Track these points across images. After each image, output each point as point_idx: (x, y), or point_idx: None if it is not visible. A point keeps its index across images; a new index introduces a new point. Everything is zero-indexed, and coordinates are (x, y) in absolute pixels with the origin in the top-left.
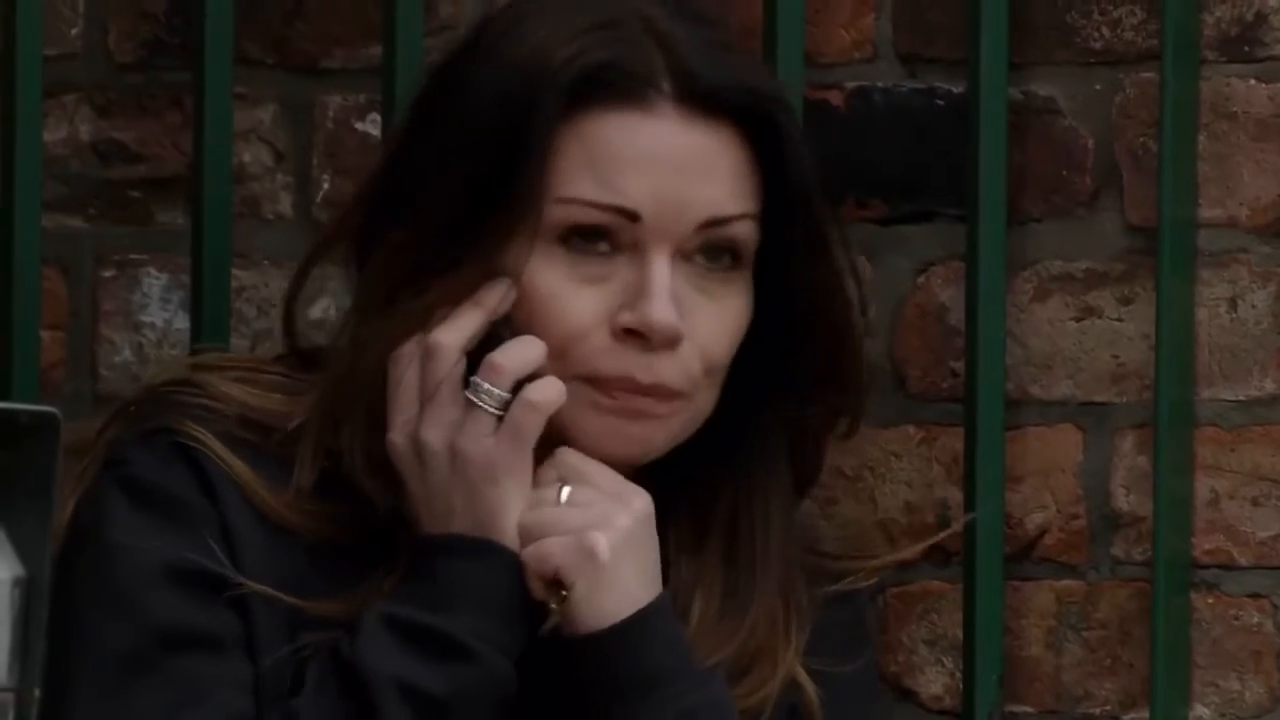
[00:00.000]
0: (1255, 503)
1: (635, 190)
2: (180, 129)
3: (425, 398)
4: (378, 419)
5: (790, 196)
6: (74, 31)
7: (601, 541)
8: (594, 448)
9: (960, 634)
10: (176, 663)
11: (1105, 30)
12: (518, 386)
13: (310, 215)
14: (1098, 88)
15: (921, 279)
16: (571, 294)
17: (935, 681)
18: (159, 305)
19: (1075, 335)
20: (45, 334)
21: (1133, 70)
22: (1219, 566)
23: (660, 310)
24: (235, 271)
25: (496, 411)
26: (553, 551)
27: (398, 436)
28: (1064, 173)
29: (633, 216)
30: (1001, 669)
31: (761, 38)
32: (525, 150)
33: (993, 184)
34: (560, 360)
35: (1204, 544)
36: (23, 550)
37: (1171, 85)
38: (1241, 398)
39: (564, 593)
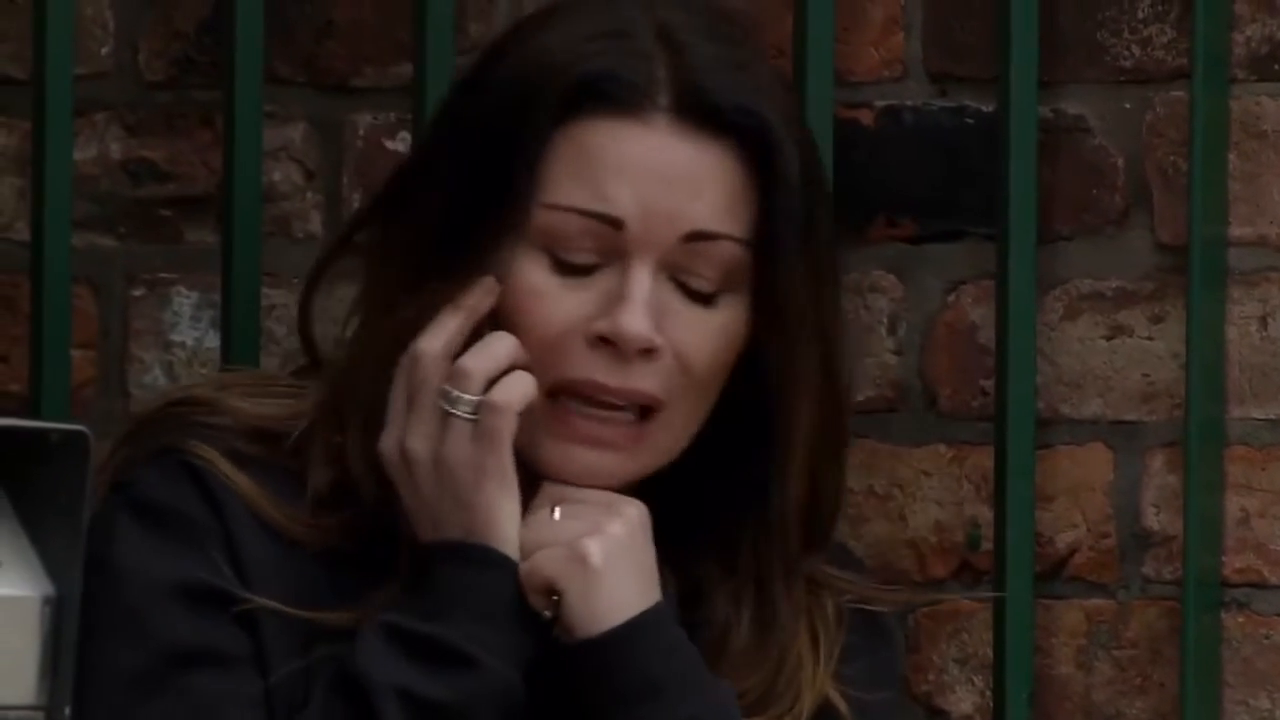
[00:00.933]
0: None
1: (621, 198)
2: (210, 147)
3: (410, 406)
4: (376, 425)
5: (779, 225)
6: (104, 50)
7: (592, 547)
8: (558, 475)
9: (990, 653)
10: (188, 681)
11: (1135, 49)
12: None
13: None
14: (1128, 106)
15: (952, 298)
16: (552, 298)
17: (965, 700)
18: (189, 324)
19: (1105, 354)
20: (76, 353)
21: (1163, 89)
22: (1249, 585)
23: (631, 319)
24: (265, 290)
25: (471, 416)
26: (544, 563)
27: (387, 445)
28: (1094, 191)
29: (616, 224)
30: (1032, 688)
31: (791, 56)
32: (519, 155)
33: (1023, 202)
34: (536, 366)
35: (1234, 563)
36: (53, 569)
37: (1201, 104)
38: (1272, 416)
39: (555, 598)
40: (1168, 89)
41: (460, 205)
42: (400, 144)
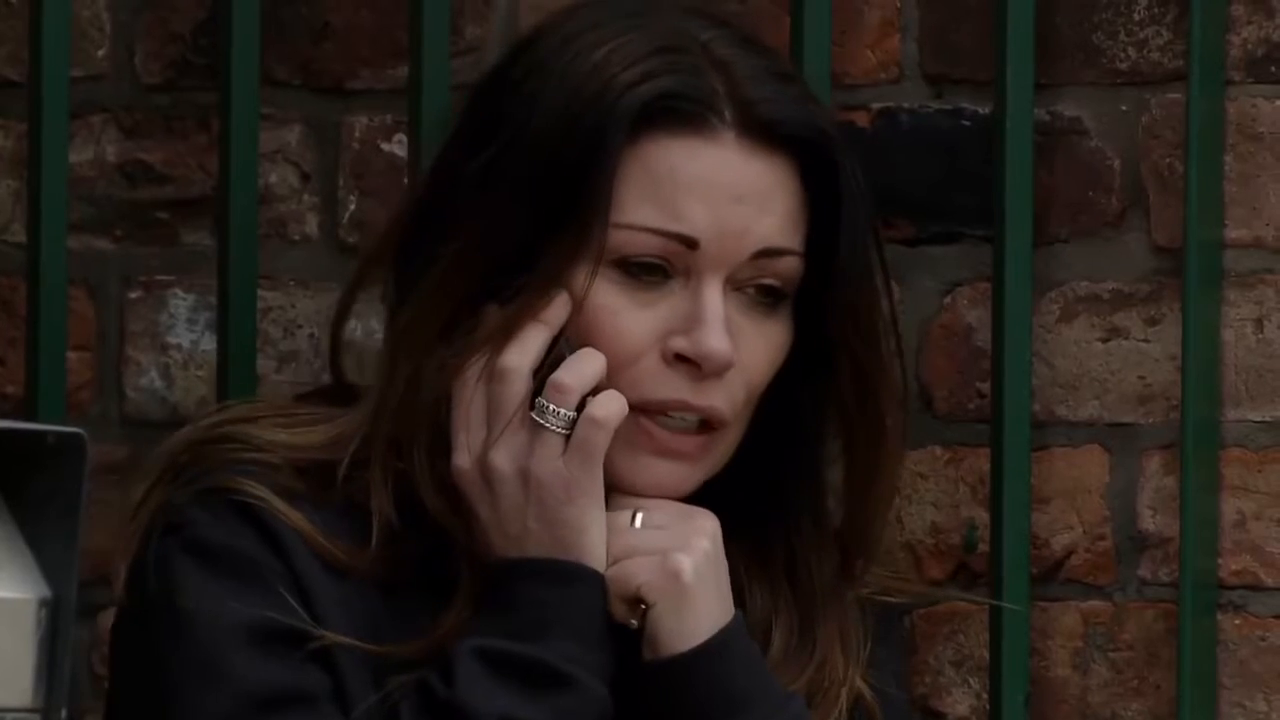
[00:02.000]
0: None
1: (695, 218)
2: (207, 150)
3: (493, 421)
4: (442, 443)
5: (844, 235)
6: (101, 53)
7: (686, 563)
8: (627, 486)
9: (987, 655)
10: None
11: (1131, 51)
12: (581, 402)
13: (336, 236)
14: (1124, 108)
15: (948, 299)
16: (626, 316)
17: (962, 702)
18: (185, 326)
19: (1101, 356)
20: (72, 355)
21: (1159, 91)
22: (1246, 587)
23: (715, 339)
24: (262, 292)
25: (564, 431)
26: (636, 572)
27: (464, 461)
28: (1090, 193)
29: (691, 244)
30: (1028, 690)
31: (788, 59)
32: (591, 177)
33: (1019, 205)
34: (612, 383)
35: (1230, 565)
36: (49, 571)
37: (1197, 106)
38: (1268, 418)
39: (643, 607)
40: (1164, 91)
41: (525, 225)
42: (397, 146)
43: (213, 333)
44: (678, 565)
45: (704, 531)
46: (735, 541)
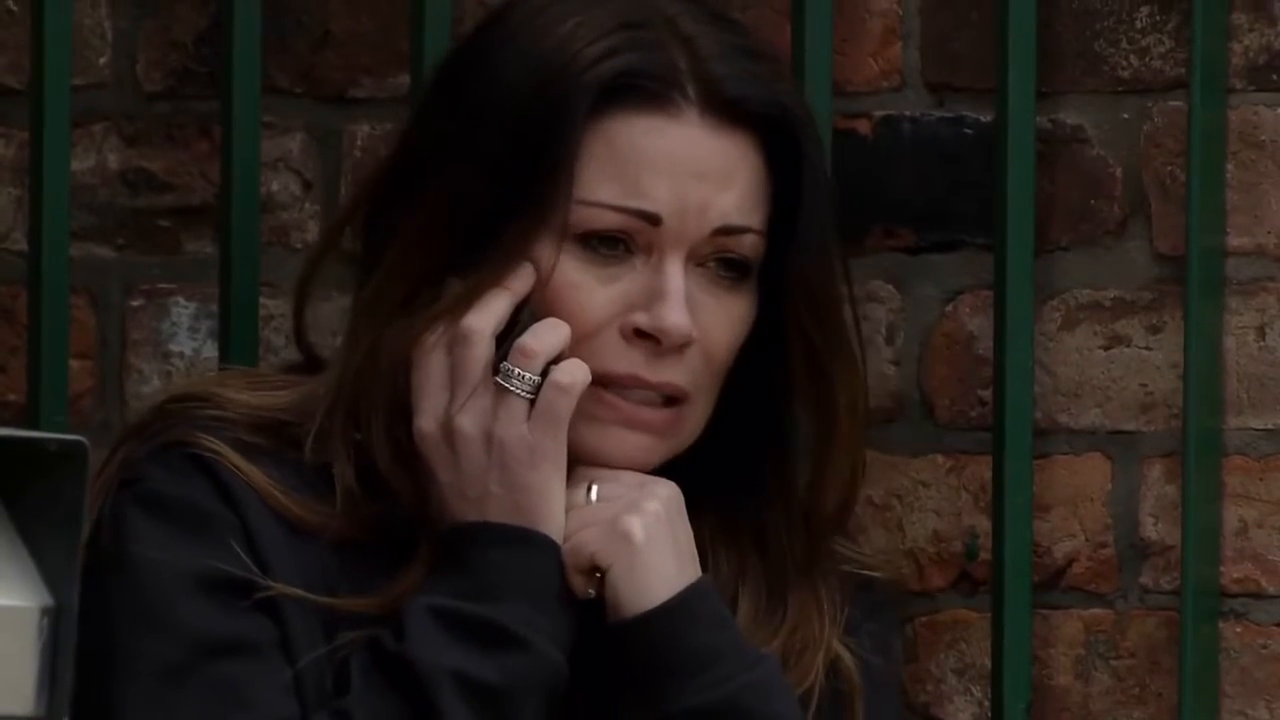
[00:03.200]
0: None
1: (657, 194)
2: (208, 158)
3: (457, 384)
4: (400, 409)
5: (803, 213)
6: (102, 61)
7: (635, 523)
8: (592, 459)
9: (988, 663)
10: (218, 670)
11: (1133, 59)
12: (545, 370)
13: (338, 244)
14: (1126, 116)
15: (949, 308)
16: (587, 291)
17: (964, 711)
18: (187, 334)
19: (1103, 364)
20: (74, 363)
21: (1161, 99)
22: (1247, 595)
23: (675, 314)
24: (263, 300)
25: (529, 396)
26: (588, 540)
27: (427, 424)
28: (1092, 201)
29: (654, 220)
30: (1030, 698)
31: (789, 66)
32: (553, 152)
33: (1020, 212)
34: (573, 356)
35: (1232, 573)
36: (51, 580)
37: (1199, 114)
38: (1270, 426)
39: (599, 575)
40: (1166, 99)
41: (487, 199)
42: None
43: (214, 341)
44: (627, 526)
45: (655, 495)
46: (702, 514)
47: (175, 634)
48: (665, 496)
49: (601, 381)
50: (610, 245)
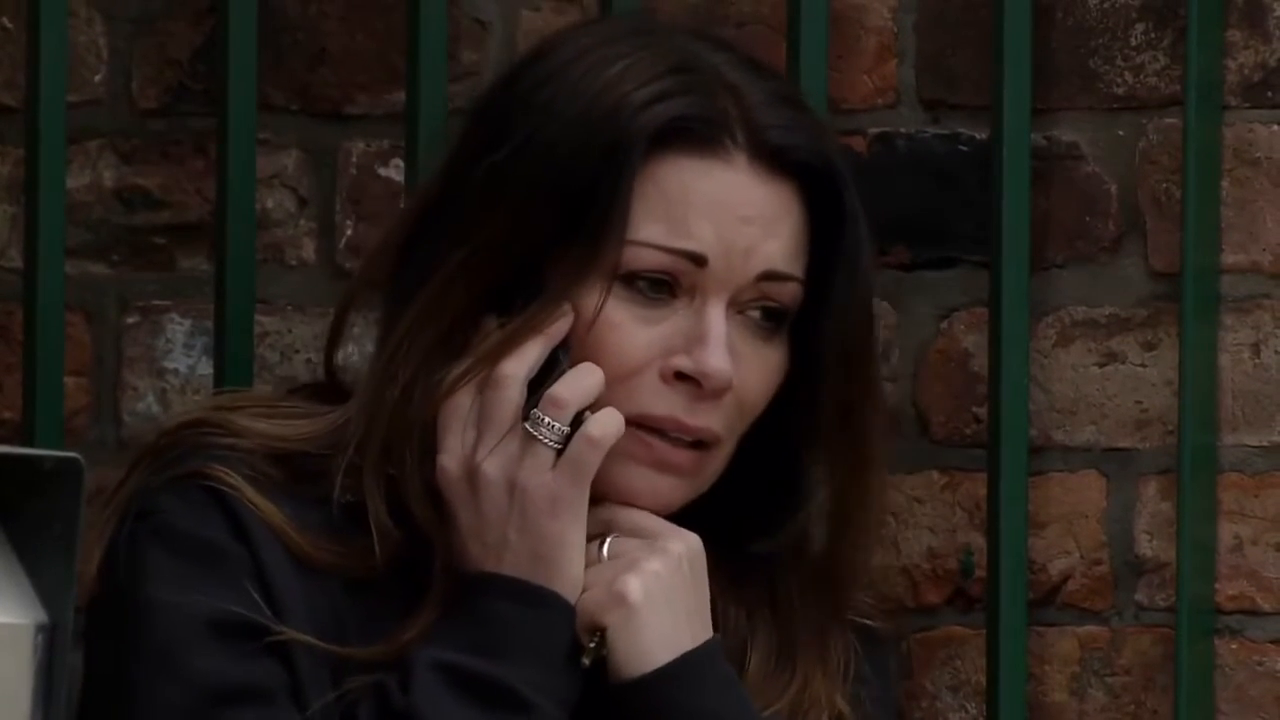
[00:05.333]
0: (1279, 548)
1: (704, 235)
2: (204, 175)
3: (485, 427)
4: (431, 452)
5: (844, 266)
6: (98, 78)
7: (632, 583)
8: (621, 498)
9: (983, 680)
10: (230, 717)
11: (1128, 76)
12: (577, 416)
13: (333, 261)
14: (1121, 133)
15: (945, 324)
16: (630, 332)
17: None
18: (182, 351)
19: (1098, 381)
20: (69, 380)
21: (1156, 116)
22: (1243, 612)
23: (717, 359)
24: (258, 317)
25: (556, 446)
26: (588, 604)
27: (451, 463)
28: (1087, 218)
29: (700, 261)
30: (1025, 715)
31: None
32: (606, 194)
33: (1016, 230)
34: (610, 397)
35: (1227, 590)
36: (46, 597)
37: (1194, 131)
38: (1265, 443)
39: (597, 636)
40: (1161, 116)
41: (535, 238)
42: (394, 171)
43: (209, 358)
44: (623, 587)
45: (663, 552)
46: (713, 563)
47: (189, 680)
48: (678, 553)
49: (639, 423)
50: (655, 288)
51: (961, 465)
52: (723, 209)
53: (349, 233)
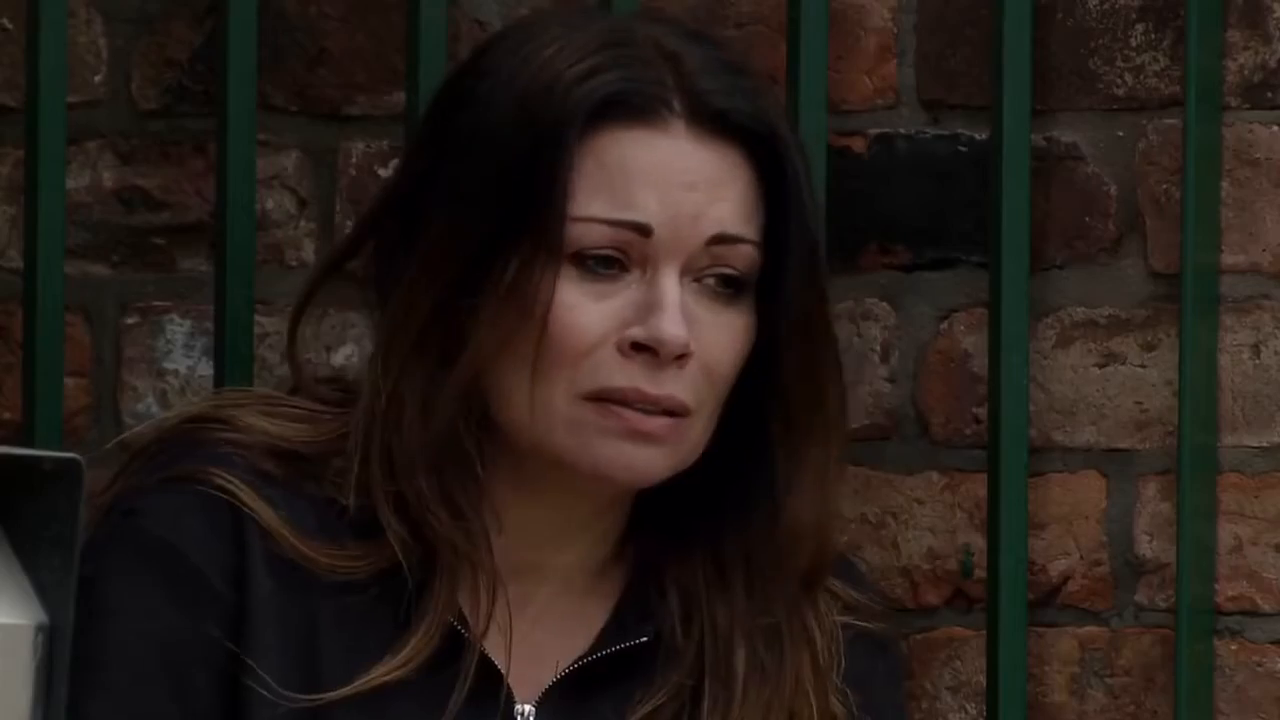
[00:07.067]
0: (1279, 549)
1: (648, 205)
2: (203, 175)
3: None
4: (430, 460)
5: (791, 223)
6: (97, 78)
7: None
8: (597, 473)
9: (983, 680)
10: None
11: (1128, 76)
12: None
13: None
14: (1120, 134)
15: (944, 325)
16: (583, 310)
17: None
18: (182, 352)
19: (1098, 381)
20: (68, 381)
21: (1155, 116)
22: (1242, 613)
23: (670, 324)
24: (258, 318)
25: None
26: None
27: None
28: (1087, 219)
29: (645, 231)
30: (1025, 716)
31: (784, 84)
32: (546, 175)
33: (1015, 230)
34: (568, 378)
35: (1227, 590)
36: (46, 597)
37: (1194, 131)
38: (1265, 444)
39: None
40: (1161, 117)
41: (488, 229)
42: (393, 172)
43: (209, 358)
44: None
45: None
46: (698, 554)
47: (114, 696)
48: None
49: (604, 397)
50: (605, 264)
51: (961, 466)
52: (664, 177)
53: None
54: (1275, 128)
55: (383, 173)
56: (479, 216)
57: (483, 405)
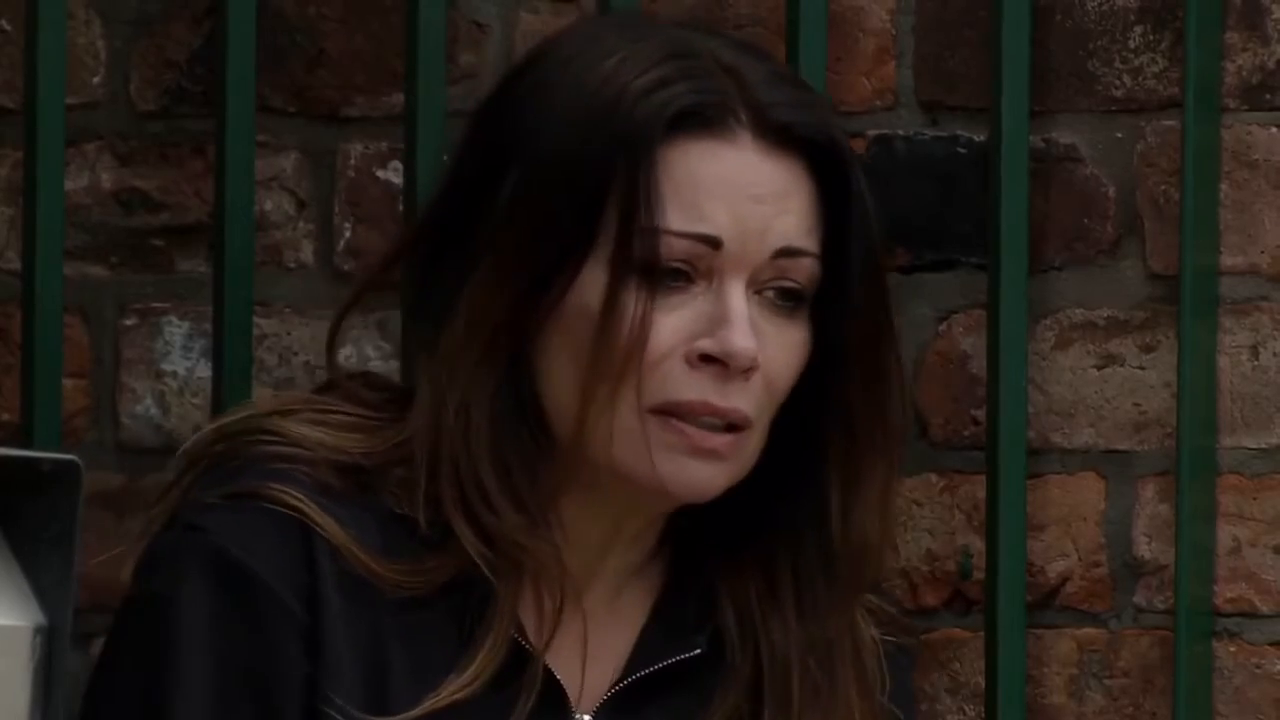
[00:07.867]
0: (1277, 551)
1: (718, 218)
2: (202, 177)
3: None
4: (503, 468)
5: (853, 236)
6: (96, 80)
7: None
8: (657, 487)
9: (982, 682)
10: None
11: (1127, 78)
12: None
13: (332, 263)
14: (1119, 136)
15: (943, 327)
16: (652, 322)
17: None
18: (181, 353)
19: (1097, 383)
20: (67, 382)
21: (1154, 118)
22: (1241, 615)
23: (741, 337)
24: (257, 320)
25: None
26: None
27: None
28: (1085, 220)
29: (715, 244)
30: (1024, 718)
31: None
32: (622, 187)
33: (1014, 232)
34: (635, 390)
35: (1226, 592)
36: (44, 599)
37: (1193, 133)
38: (1263, 445)
39: None
40: (1159, 118)
41: (556, 241)
42: (392, 173)
43: (208, 360)
44: None
45: None
46: (748, 567)
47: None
48: None
49: (671, 411)
50: (673, 276)
51: (960, 467)
52: (733, 189)
53: (347, 235)
54: (1274, 129)
55: (381, 174)
56: (550, 228)
57: (546, 415)
